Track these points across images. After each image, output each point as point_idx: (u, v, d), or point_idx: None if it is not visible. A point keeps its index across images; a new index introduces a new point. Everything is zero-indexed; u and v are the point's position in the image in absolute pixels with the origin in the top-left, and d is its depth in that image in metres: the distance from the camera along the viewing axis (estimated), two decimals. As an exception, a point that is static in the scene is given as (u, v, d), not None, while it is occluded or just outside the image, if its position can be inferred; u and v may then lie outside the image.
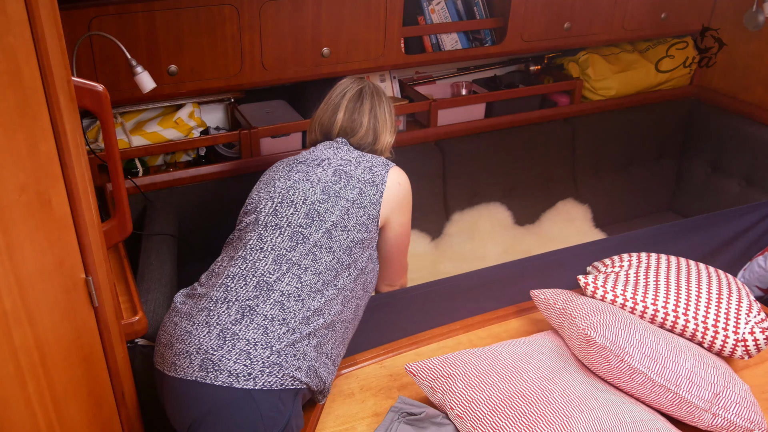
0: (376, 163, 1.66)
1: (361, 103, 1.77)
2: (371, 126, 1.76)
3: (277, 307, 1.43)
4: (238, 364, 1.35)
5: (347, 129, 1.75)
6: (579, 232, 2.93)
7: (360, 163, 1.65)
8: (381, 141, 1.78)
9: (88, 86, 1.32)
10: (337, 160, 1.66)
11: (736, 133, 3.05)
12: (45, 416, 1.14)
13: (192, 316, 1.45)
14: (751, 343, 1.61)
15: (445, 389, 1.46)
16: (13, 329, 1.05)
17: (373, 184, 1.61)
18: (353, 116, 1.75)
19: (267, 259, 1.50)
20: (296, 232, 1.53)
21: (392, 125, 1.82)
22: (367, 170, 1.63)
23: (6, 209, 1.00)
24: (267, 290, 1.45)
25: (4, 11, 0.94)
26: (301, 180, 1.62)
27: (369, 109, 1.77)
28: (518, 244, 2.81)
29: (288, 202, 1.58)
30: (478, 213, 2.83)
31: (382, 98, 1.82)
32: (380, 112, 1.78)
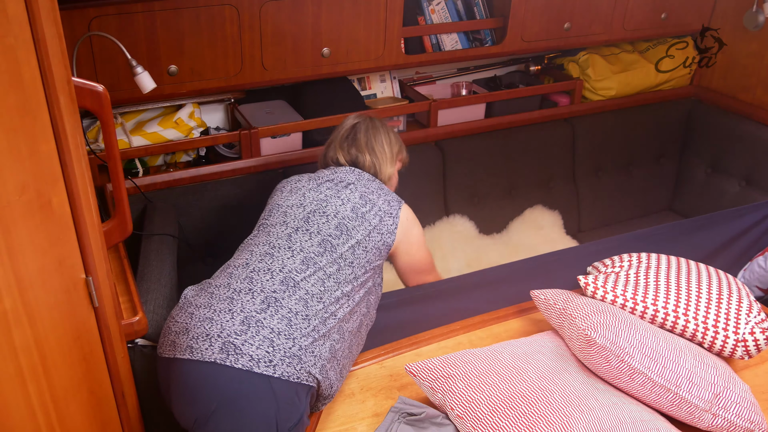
0: (392, 198, 1.79)
1: (354, 139, 1.90)
2: (371, 160, 1.88)
3: (301, 303, 1.48)
4: (260, 350, 1.37)
5: (354, 163, 1.89)
6: (547, 240, 2.91)
7: (381, 195, 1.77)
8: (382, 173, 1.89)
9: (88, 86, 1.32)
10: (362, 186, 1.77)
11: (736, 133, 3.05)
12: (45, 416, 1.14)
13: (212, 305, 1.46)
14: (751, 344, 1.61)
15: (445, 389, 1.46)
16: (13, 329, 1.05)
17: (390, 215, 1.74)
18: (351, 152, 1.89)
19: (295, 259, 1.57)
20: (326, 240, 1.62)
21: (392, 155, 1.92)
22: (387, 202, 1.76)
23: (6, 209, 1.00)
24: (293, 286, 1.50)
25: (4, 11, 0.94)
26: (332, 196, 1.73)
27: (365, 143, 1.89)
28: (483, 255, 2.80)
29: (321, 212, 1.68)
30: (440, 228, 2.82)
31: (379, 130, 1.92)
32: (377, 144, 1.89)
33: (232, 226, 2.39)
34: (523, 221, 2.99)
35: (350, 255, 1.62)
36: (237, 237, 2.39)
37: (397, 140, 1.97)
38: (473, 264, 2.75)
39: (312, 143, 2.50)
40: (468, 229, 2.85)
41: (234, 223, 2.39)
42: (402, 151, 1.99)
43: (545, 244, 2.87)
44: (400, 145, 1.98)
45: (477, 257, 2.78)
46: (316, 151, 2.50)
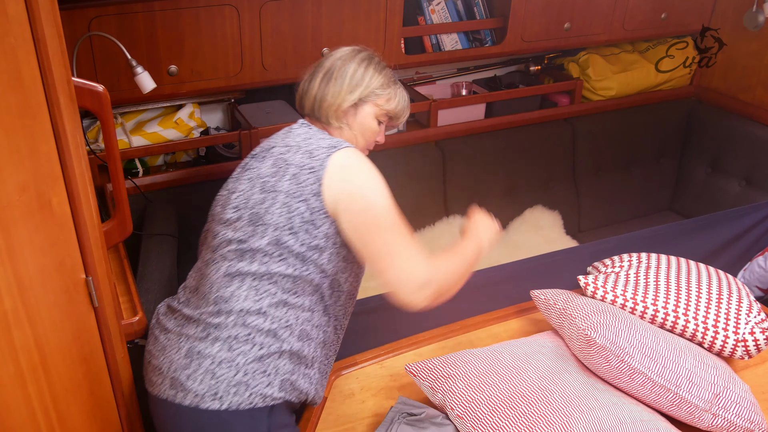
0: (320, 145, 1.38)
1: (320, 68, 1.52)
2: (315, 93, 1.49)
3: (239, 323, 1.32)
4: (204, 384, 1.28)
5: (302, 100, 1.54)
6: (547, 240, 2.91)
7: (301, 147, 1.40)
8: (325, 108, 1.48)
9: (88, 86, 1.32)
10: (280, 147, 1.43)
11: (736, 133, 3.05)
12: (45, 416, 1.14)
13: (168, 330, 1.40)
14: (751, 344, 1.61)
15: (445, 389, 1.46)
16: (13, 329, 1.05)
17: (312, 170, 1.34)
18: (306, 84, 1.53)
19: (220, 273, 1.37)
20: (242, 241, 1.36)
21: (351, 85, 1.48)
22: (307, 154, 1.37)
23: (6, 209, 1.00)
24: (226, 305, 1.33)
25: (4, 11, 0.94)
26: (245, 179, 1.44)
27: (326, 71, 1.50)
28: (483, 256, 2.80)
29: (233, 208, 1.41)
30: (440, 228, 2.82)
31: (353, 60, 1.50)
32: (339, 73, 1.48)
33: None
34: (523, 221, 2.99)
35: (275, 248, 1.33)
36: (237, 237, 2.40)
37: (379, 75, 1.51)
38: (473, 264, 2.75)
39: (312, 143, 2.49)
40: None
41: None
42: (382, 90, 1.51)
43: (545, 244, 2.87)
44: (381, 82, 1.51)
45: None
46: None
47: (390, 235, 1.32)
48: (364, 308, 1.77)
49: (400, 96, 1.55)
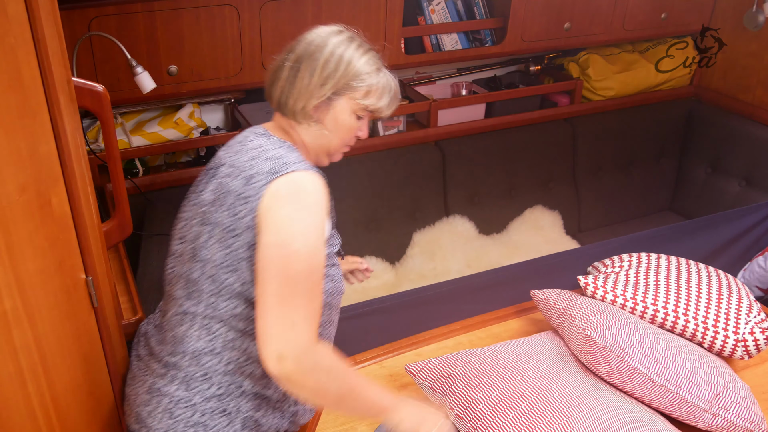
0: (261, 170, 1.18)
1: (291, 53, 1.29)
2: (287, 84, 1.27)
3: (194, 362, 1.23)
4: (162, 424, 1.22)
5: (270, 91, 1.33)
6: (547, 240, 2.91)
7: (244, 170, 1.19)
8: (291, 100, 1.27)
9: (88, 86, 1.32)
10: (227, 168, 1.24)
11: (736, 133, 3.05)
12: (45, 416, 1.14)
13: (140, 357, 1.33)
14: (751, 343, 1.61)
15: (445, 389, 1.46)
16: (13, 329, 1.05)
17: (246, 201, 1.16)
18: (274, 74, 1.31)
19: (172, 311, 1.27)
20: (188, 278, 1.23)
21: (320, 81, 1.25)
22: (245, 180, 1.18)
23: (6, 209, 1.00)
24: (180, 346, 1.24)
25: (4, 11, 0.94)
26: (190, 204, 1.29)
27: (297, 57, 1.27)
28: (483, 255, 2.80)
29: (178, 239, 1.29)
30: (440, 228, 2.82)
31: (327, 45, 1.27)
32: (309, 62, 1.25)
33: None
34: (523, 221, 2.99)
35: (218, 287, 1.19)
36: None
37: (358, 63, 1.28)
38: (473, 264, 2.75)
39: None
40: (468, 230, 2.85)
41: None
42: (360, 82, 1.27)
43: (545, 244, 2.87)
44: (359, 72, 1.27)
45: (477, 257, 2.78)
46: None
47: (286, 288, 1.10)
48: (365, 309, 1.77)
49: (383, 87, 1.31)
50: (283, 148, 1.23)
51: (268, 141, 1.25)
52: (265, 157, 1.20)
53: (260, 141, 1.26)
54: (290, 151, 1.23)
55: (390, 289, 2.62)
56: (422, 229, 2.80)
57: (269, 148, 1.23)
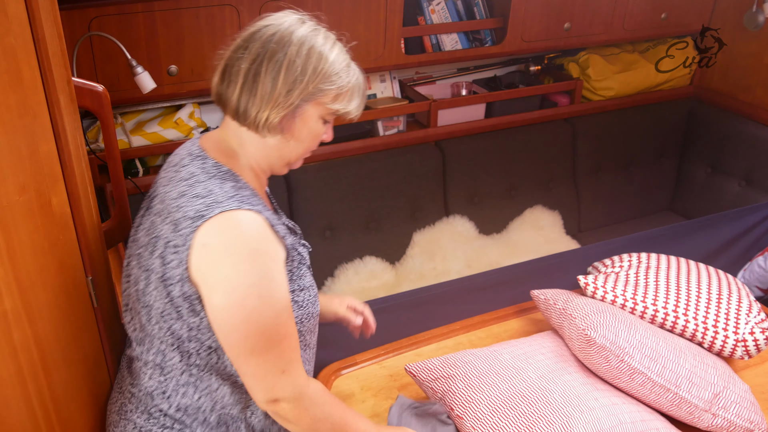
0: (186, 214, 1.04)
1: (244, 54, 1.10)
2: (243, 96, 1.10)
3: (149, 404, 1.17)
4: None
5: (219, 101, 1.15)
6: (547, 240, 2.91)
7: (171, 212, 1.07)
8: (250, 116, 1.10)
9: (88, 86, 1.32)
10: (158, 203, 1.12)
11: (736, 133, 3.05)
12: (45, 416, 1.14)
13: (121, 368, 1.25)
14: (751, 343, 1.61)
15: (445, 389, 1.46)
16: (13, 329, 1.05)
17: (176, 250, 1.05)
18: (225, 78, 1.13)
19: (128, 352, 1.21)
20: (139, 321, 1.15)
21: (286, 82, 1.08)
22: (173, 226, 1.06)
23: (6, 209, 1.00)
24: (136, 380, 1.18)
25: (4, 11, 0.94)
26: (131, 241, 1.19)
27: (252, 59, 1.09)
28: (483, 255, 2.80)
29: (125, 277, 1.19)
30: (440, 228, 2.82)
31: (290, 41, 1.09)
32: (270, 67, 1.07)
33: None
34: (523, 221, 2.99)
35: (165, 334, 1.11)
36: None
37: (328, 61, 1.11)
38: (473, 264, 2.75)
39: (312, 143, 2.50)
40: (468, 229, 2.85)
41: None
42: (330, 84, 1.11)
43: (545, 244, 2.87)
44: (329, 71, 1.10)
45: (477, 257, 2.78)
46: (316, 151, 2.49)
47: (260, 342, 1.04)
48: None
49: (353, 86, 1.15)
50: (215, 179, 1.08)
51: (201, 167, 1.11)
52: (193, 194, 1.06)
53: (193, 168, 1.11)
54: (222, 183, 1.07)
55: (390, 289, 2.62)
56: (422, 229, 2.80)
57: (200, 179, 1.08)
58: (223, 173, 1.10)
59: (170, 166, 1.17)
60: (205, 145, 1.17)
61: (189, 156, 1.15)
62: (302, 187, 2.47)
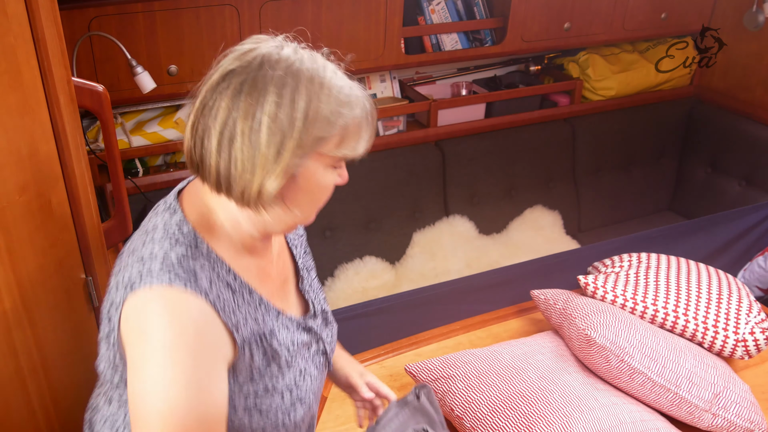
0: (126, 276, 0.87)
1: (215, 103, 0.86)
2: (222, 165, 0.86)
3: None
4: None
5: (199, 168, 0.90)
6: (547, 240, 2.91)
7: (119, 270, 0.90)
8: (238, 186, 0.87)
9: (88, 86, 1.32)
10: (125, 251, 0.95)
11: (736, 133, 3.05)
12: (45, 416, 1.14)
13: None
14: (751, 343, 1.61)
15: (445, 390, 1.46)
16: (13, 329, 1.05)
17: (116, 310, 0.88)
18: (198, 133, 0.88)
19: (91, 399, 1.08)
20: (96, 366, 1.01)
21: (274, 147, 0.84)
22: (115, 286, 0.90)
23: (6, 209, 1.00)
24: (96, 417, 1.03)
25: (4, 11, 0.94)
26: None
27: (224, 118, 0.85)
28: (483, 255, 2.80)
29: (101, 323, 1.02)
30: (440, 228, 2.82)
31: (265, 90, 0.84)
32: (243, 124, 0.84)
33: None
34: (523, 221, 2.99)
35: (123, 392, 0.95)
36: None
37: (324, 100, 0.86)
38: (473, 264, 2.75)
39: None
40: (468, 229, 2.85)
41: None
42: (330, 129, 0.87)
43: (545, 244, 2.87)
44: (327, 115, 0.86)
45: (477, 257, 2.78)
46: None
47: None
48: (365, 309, 1.77)
49: (360, 118, 0.90)
50: (167, 240, 0.89)
51: (166, 222, 0.92)
52: (138, 257, 0.88)
53: (158, 220, 0.93)
54: (173, 247, 0.88)
55: (390, 289, 2.62)
56: (422, 229, 2.80)
57: (155, 237, 0.90)
58: (183, 235, 0.90)
59: (151, 210, 1.00)
60: (187, 196, 0.96)
61: (163, 203, 0.96)
62: (302, 187, 2.47)
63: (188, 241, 0.90)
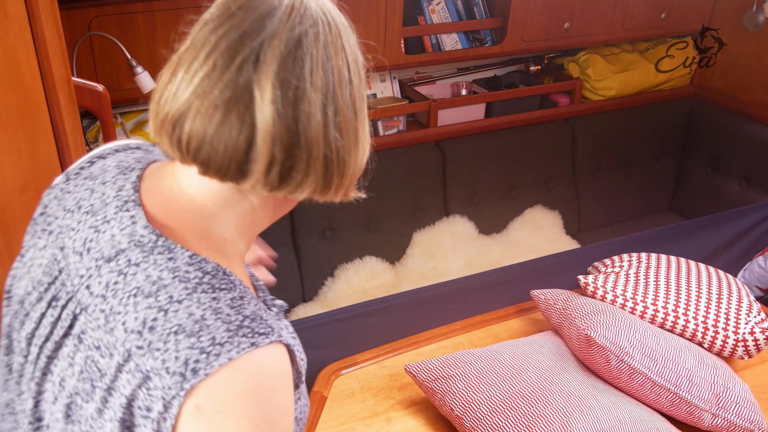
0: (184, 357, 0.64)
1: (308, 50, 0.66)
2: (332, 134, 0.66)
3: None
4: None
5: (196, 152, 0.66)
6: (547, 240, 2.91)
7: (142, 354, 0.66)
8: (345, 169, 0.69)
9: (88, 86, 1.32)
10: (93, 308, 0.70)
11: (736, 133, 3.05)
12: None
13: None
14: (751, 343, 1.61)
15: (445, 390, 1.46)
16: (13, 329, 1.04)
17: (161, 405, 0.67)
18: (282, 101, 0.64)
19: None
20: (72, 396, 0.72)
21: (352, 106, 0.69)
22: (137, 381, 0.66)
23: (6, 209, 1.00)
24: None
25: (4, 11, 0.94)
26: None
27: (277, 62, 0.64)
28: (483, 255, 2.80)
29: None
30: (440, 228, 2.82)
31: (330, 33, 0.74)
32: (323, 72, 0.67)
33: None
34: (523, 221, 2.99)
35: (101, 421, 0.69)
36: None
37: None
38: (473, 264, 2.75)
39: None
40: (468, 229, 2.85)
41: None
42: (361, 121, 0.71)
43: (545, 244, 2.87)
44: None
45: (477, 257, 2.78)
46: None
47: None
48: (365, 309, 1.77)
49: None
50: (199, 292, 0.66)
51: (171, 268, 0.67)
52: (170, 327, 0.65)
53: (153, 270, 0.67)
54: (211, 296, 0.67)
55: (390, 289, 2.62)
56: (422, 229, 2.80)
57: (176, 295, 0.66)
58: (211, 274, 0.68)
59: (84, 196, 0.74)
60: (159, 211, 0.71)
61: (129, 238, 0.68)
62: (302, 187, 2.47)
63: (223, 279, 0.68)
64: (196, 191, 0.71)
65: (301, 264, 2.50)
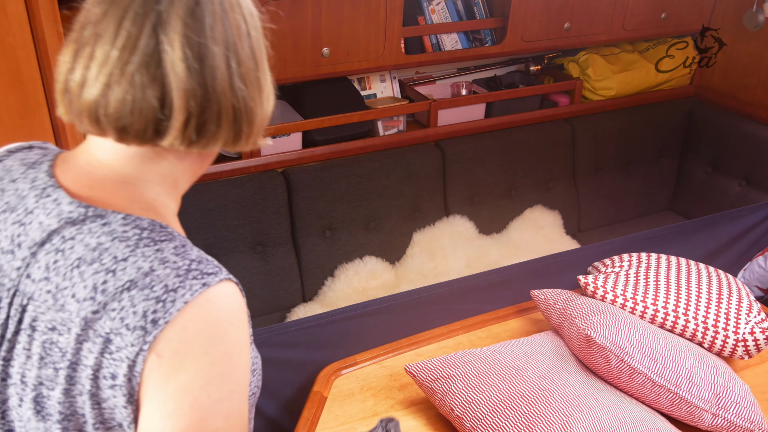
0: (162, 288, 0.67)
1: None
2: (237, 84, 0.72)
3: None
4: None
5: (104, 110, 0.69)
6: (547, 240, 2.91)
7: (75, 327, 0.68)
8: (252, 117, 0.76)
9: (88, 86, 1.32)
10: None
11: (736, 133, 3.05)
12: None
13: None
14: (751, 343, 1.61)
15: (445, 390, 1.46)
16: (13, 329, 1.05)
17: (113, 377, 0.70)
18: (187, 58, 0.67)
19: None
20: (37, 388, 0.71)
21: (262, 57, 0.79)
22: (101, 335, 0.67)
23: (6, 209, 1.00)
24: None
25: (4, 11, 0.94)
26: None
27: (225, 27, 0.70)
28: (483, 255, 2.80)
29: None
30: (440, 228, 2.82)
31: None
32: (214, 27, 0.69)
33: (232, 227, 2.39)
34: (523, 221, 2.99)
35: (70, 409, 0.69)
36: (237, 237, 2.40)
37: None
38: (473, 264, 2.75)
39: (312, 143, 2.50)
40: (468, 229, 2.85)
41: (234, 223, 2.39)
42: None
43: (545, 244, 2.87)
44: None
45: (477, 257, 2.78)
46: (316, 151, 2.50)
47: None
48: (365, 309, 1.77)
49: None
50: (143, 246, 0.69)
51: (109, 232, 0.69)
52: (133, 282, 0.67)
53: (92, 238, 0.69)
54: (160, 246, 0.70)
55: (390, 289, 2.62)
56: (422, 229, 2.80)
57: (119, 252, 0.68)
58: (151, 229, 0.70)
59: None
60: (77, 187, 0.73)
61: (57, 218, 0.70)
62: (302, 187, 2.47)
63: (161, 231, 0.71)
64: (115, 159, 0.73)
65: (301, 264, 2.50)
